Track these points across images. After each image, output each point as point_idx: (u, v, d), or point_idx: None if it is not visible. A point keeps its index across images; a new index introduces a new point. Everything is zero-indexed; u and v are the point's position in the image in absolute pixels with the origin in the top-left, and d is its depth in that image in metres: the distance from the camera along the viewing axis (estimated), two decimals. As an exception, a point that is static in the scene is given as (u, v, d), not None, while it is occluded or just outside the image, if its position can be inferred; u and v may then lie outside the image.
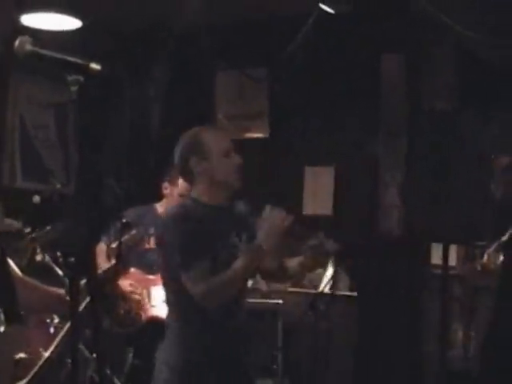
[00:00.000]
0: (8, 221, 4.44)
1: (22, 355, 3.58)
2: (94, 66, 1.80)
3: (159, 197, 5.79)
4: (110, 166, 6.53)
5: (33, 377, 2.99)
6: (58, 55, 1.82)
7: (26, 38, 1.84)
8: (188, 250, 3.31)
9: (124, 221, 5.07)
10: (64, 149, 6.99)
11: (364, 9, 5.74)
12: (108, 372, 4.52)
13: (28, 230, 4.78)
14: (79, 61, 1.81)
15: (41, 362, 2.88)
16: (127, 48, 6.49)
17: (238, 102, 7.10)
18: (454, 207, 5.10)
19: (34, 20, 5.11)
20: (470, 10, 5.46)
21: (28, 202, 5.18)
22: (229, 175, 3.44)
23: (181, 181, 5.69)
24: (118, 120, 6.94)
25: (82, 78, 1.81)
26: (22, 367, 3.33)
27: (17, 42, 1.84)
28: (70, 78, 1.80)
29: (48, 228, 4.89)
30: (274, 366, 5.77)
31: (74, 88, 1.80)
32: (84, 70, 1.81)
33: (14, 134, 6.58)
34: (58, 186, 5.41)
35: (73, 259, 1.75)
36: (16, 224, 4.54)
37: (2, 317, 2.19)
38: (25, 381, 2.80)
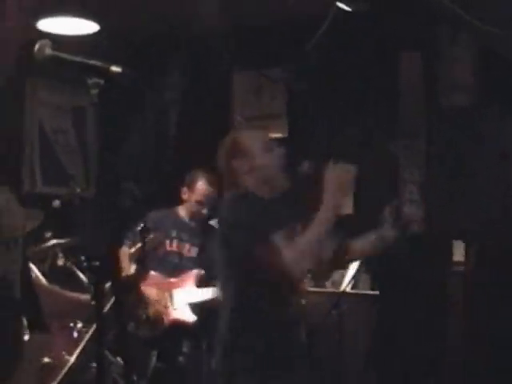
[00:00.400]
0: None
1: (46, 360, 3.60)
2: (115, 68, 1.79)
3: (179, 201, 5.80)
4: (129, 169, 6.54)
5: (59, 382, 3.00)
6: (78, 59, 1.81)
7: (46, 42, 1.84)
8: (263, 223, 3.20)
9: (143, 225, 5.08)
10: (83, 153, 7.01)
11: (381, 7, 5.72)
12: (135, 378, 4.52)
13: (49, 234, 4.80)
14: (99, 64, 1.80)
15: (67, 368, 2.88)
16: (144, 51, 6.50)
17: (255, 102, 7.08)
18: (474, 204, 5.08)
19: (51, 25, 5.12)
20: (487, 5, 5.43)
21: (48, 207, 5.20)
22: (274, 168, 3.39)
23: (199, 186, 5.70)
24: (136, 124, 6.95)
25: (102, 82, 1.80)
26: (46, 372, 3.34)
27: (37, 46, 1.84)
28: (91, 81, 1.80)
29: (70, 237, 4.90)
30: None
31: (94, 91, 1.79)
32: (104, 73, 1.80)
33: (34, 139, 6.61)
34: (78, 190, 5.42)
35: (97, 263, 1.74)
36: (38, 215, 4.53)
37: (26, 324, 2.20)
38: None
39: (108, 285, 2.82)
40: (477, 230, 5.18)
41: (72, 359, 3.00)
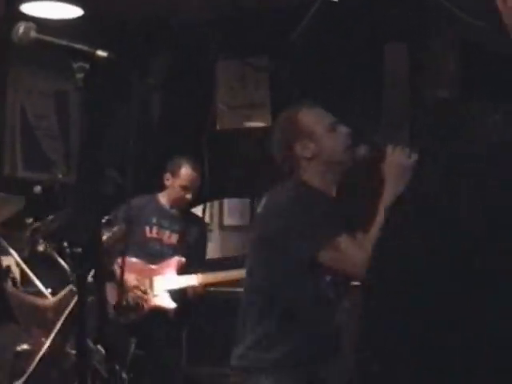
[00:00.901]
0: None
1: (24, 347, 3.57)
2: (101, 53, 1.77)
3: (160, 187, 5.79)
4: (111, 155, 6.51)
5: (35, 368, 2.97)
6: (64, 42, 1.79)
7: (31, 25, 1.81)
8: (323, 225, 3.00)
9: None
10: (65, 138, 6.97)
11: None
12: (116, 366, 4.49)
13: (30, 220, 4.76)
14: (85, 48, 1.78)
15: (41, 353, 2.84)
16: (128, 37, 6.46)
17: (239, 91, 7.06)
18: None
19: (34, 8, 5.08)
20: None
21: (29, 192, 5.16)
22: (340, 150, 3.21)
23: (183, 172, 5.69)
24: (118, 109, 6.91)
25: (87, 66, 1.77)
26: (24, 358, 3.31)
27: (21, 29, 1.81)
28: (76, 65, 1.77)
29: (50, 218, 4.87)
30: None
31: (79, 75, 1.77)
32: (90, 58, 1.78)
33: (15, 124, 6.56)
34: (60, 175, 5.39)
35: (79, 249, 1.72)
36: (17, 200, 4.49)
37: None
38: (26, 374, 2.78)
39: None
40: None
41: (47, 343, 2.94)
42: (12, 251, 4.79)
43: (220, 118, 7.10)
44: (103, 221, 4.60)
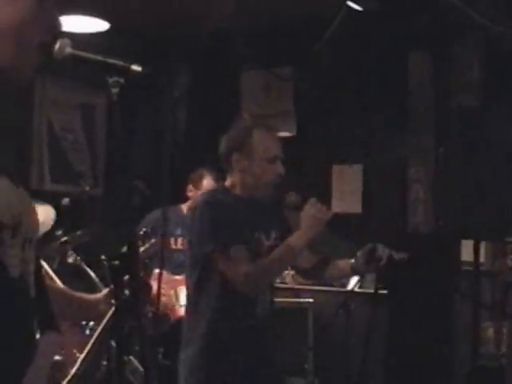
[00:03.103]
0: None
1: (57, 358, 3.59)
2: (135, 67, 1.79)
3: (184, 199, 5.82)
4: (137, 167, 6.54)
5: (70, 380, 2.99)
6: (99, 57, 1.81)
7: (66, 41, 1.84)
8: (224, 233, 3.27)
9: (145, 230, 5.06)
10: (91, 151, 7.01)
11: (391, 6, 5.72)
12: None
13: (60, 232, 4.80)
14: (120, 63, 1.80)
15: (77, 365, 2.87)
16: (153, 49, 6.50)
17: (264, 100, 7.09)
18: (483, 204, 5.07)
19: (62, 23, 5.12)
20: (497, 4, 5.42)
21: (57, 205, 5.20)
22: (266, 181, 3.40)
23: (205, 183, 5.71)
24: (144, 121, 6.95)
25: (122, 80, 1.80)
26: (57, 369, 3.33)
27: (57, 45, 1.83)
28: (111, 80, 1.80)
29: (80, 231, 4.90)
30: (305, 366, 5.75)
31: (114, 90, 1.79)
32: (125, 72, 1.80)
33: (42, 137, 6.60)
34: (87, 188, 5.42)
35: (117, 262, 1.74)
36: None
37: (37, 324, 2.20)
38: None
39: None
40: (486, 229, 5.17)
41: (82, 356, 2.98)
42: (43, 262, 4.82)
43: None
44: (141, 232, 4.63)
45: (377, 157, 6.51)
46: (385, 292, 6.14)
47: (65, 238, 4.87)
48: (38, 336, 2.10)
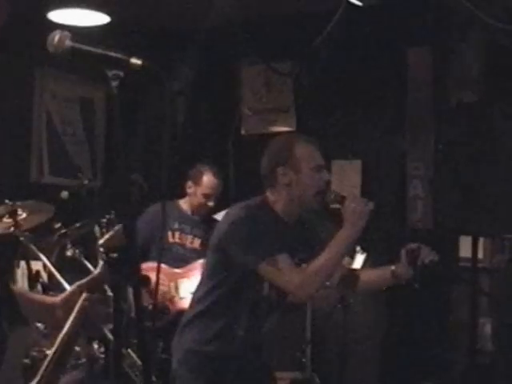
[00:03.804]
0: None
1: (33, 353, 3.58)
2: (135, 60, 1.79)
3: (183, 194, 5.81)
4: (135, 161, 6.54)
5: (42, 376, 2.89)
6: (99, 50, 1.81)
7: (66, 34, 1.84)
8: (266, 244, 3.29)
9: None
10: (90, 144, 7.01)
11: (392, 2, 5.72)
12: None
13: (58, 225, 4.80)
14: (120, 56, 1.80)
15: (47, 361, 2.77)
16: (154, 43, 6.49)
17: (264, 95, 7.08)
18: (482, 200, 5.08)
19: (61, 16, 5.12)
20: (498, 1, 5.42)
21: (56, 198, 5.20)
22: (314, 191, 3.43)
23: (205, 179, 5.71)
24: (143, 116, 6.95)
25: (122, 74, 1.80)
26: (32, 366, 3.31)
27: (56, 38, 1.83)
28: (111, 73, 1.80)
29: (79, 224, 4.91)
30: (303, 360, 5.76)
31: (114, 83, 1.79)
32: (125, 65, 1.80)
33: (41, 130, 6.60)
34: (86, 181, 5.42)
35: (115, 255, 1.74)
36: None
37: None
38: (37, 378, 2.74)
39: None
40: (485, 225, 5.18)
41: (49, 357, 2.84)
42: (41, 255, 4.83)
43: (245, 123, 7.12)
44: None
45: (376, 152, 6.50)
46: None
47: (63, 231, 4.88)
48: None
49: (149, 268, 4.66)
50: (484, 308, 5.96)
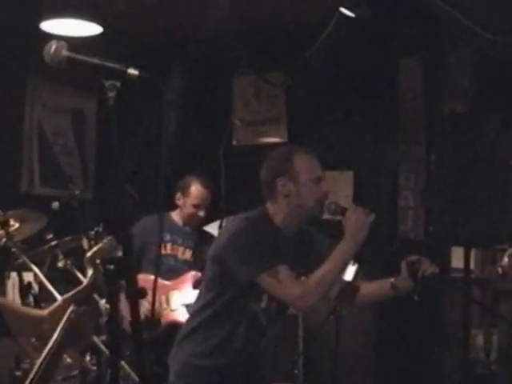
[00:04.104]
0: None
1: (24, 365, 3.55)
2: (132, 71, 1.78)
3: (173, 206, 5.80)
4: (126, 172, 6.52)
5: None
6: (95, 60, 1.80)
7: (62, 43, 1.83)
8: (267, 256, 3.29)
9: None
10: (82, 155, 6.99)
11: (383, 13, 5.72)
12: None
13: (50, 236, 4.78)
14: (117, 66, 1.79)
15: (32, 374, 2.73)
16: (145, 53, 6.49)
17: (255, 106, 7.08)
18: (474, 211, 5.08)
19: (54, 26, 5.10)
20: (488, 12, 5.43)
21: (47, 208, 5.18)
22: (313, 202, 3.43)
23: (193, 190, 5.70)
24: (134, 126, 6.93)
25: (119, 84, 1.79)
26: (24, 377, 3.28)
27: (52, 48, 1.82)
28: (107, 83, 1.78)
29: (71, 236, 4.89)
30: (295, 371, 5.74)
31: (111, 93, 1.78)
32: (121, 76, 1.79)
33: (32, 140, 6.57)
34: (77, 192, 5.40)
35: (112, 266, 1.73)
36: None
37: None
38: None
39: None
40: (477, 236, 5.18)
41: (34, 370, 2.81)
42: (33, 266, 4.80)
43: (236, 134, 7.12)
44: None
45: (368, 163, 6.51)
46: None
47: (55, 242, 4.86)
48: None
49: (141, 280, 4.63)
50: (476, 318, 5.96)
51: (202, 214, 5.70)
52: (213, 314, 3.45)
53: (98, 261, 1.81)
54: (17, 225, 4.87)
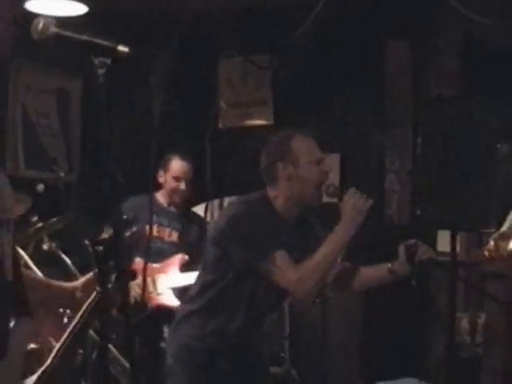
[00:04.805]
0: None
1: (33, 346, 3.54)
2: (122, 48, 1.74)
3: (156, 186, 5.76)
4: (111, 154, 6.47)
5: (46, 367, 2.95)
6: (85, 37, 1.76)
7: (50, 20, 1.78)
8: (266, 242, 3.29)
9: (125, 217, 5.02)
10: (66, 136, 6.94)
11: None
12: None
13: (35, 218, 4.74)
14: (107, 43, 1.75)
15: (53, 354, 2.82)
16: (130, 35, 6.43)
17: (241, 89, 7.05)
18: (460, 194, 5.07)
19: (38, 6, 5.05)
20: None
21: (32, 191, 5.13)
22: (314, 185, 3.44)
23: (173, 163, 5.67)
24: (119, 107, 6.88)
25: (109, 61, 1.75)
26: (33, 357, 3.29)
27: (40, 24, 1.78)
28: (97, 60, 1.75)
29: (56, 218, 4.85)
30: (282, 354, 5.73)
31: (101, 71, 1.74)
32: (111, 53, 1.76)
33: (16, 123, 6.52)
34: (62, 174, 5.36)
35: (101, 248, 1.70)
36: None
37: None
38: (38, 373, 2.75)
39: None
40: (463, 219, 5.18)
41: (58, 345, 2.93)
42: (18, 249, 4.76)
43: (222, 116, 7.08)
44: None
45: (355, 146, 6.49)
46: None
47: (40, 225, 4.82)
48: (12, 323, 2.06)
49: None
50: (461, 302, 5.97)
51: (183, 187, 5.66)
52: (211, 297, 3.44)
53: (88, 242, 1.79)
54: (1, 207, 4.81)
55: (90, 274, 2.54)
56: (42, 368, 2.86)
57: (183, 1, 5.84)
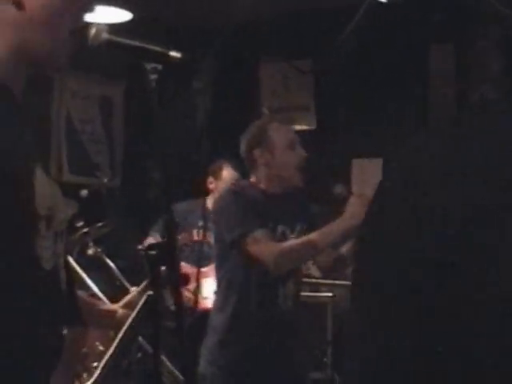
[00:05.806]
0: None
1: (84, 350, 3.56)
2: (174, 54, 1.74)
3: (205, 192, 5.78)
4: (155, 159, 6.51)
5: (97, 377, 2.94)
6: (137, 43, 1.76)
7: (103, 26, 1.79)
8: (250, 218, 3.38)
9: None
10: (109, 142, 6.99)
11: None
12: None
13: (81, 223, 4.77)
14: (159, 49, 1.76)
15: (105, 359, 2.81)
16: (175, 40, 6.47)
17: (283, 93, 7.04)
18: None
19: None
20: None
21: (75, 196, 5.17)
22: (291, 168, 3.54)
23: (225, 173, 5.68)
24: (163, 113, 6.91)
25: (160, 67, 1.76)
26: (79, 362, 3.31)
27: (93, 31, 1.79)
28: (149, 66, 1.75)
29: (101, 223, 4.88)
30: (324, 360, 5.71)
31: (153, 77, 1.75)
32: (163, 59, 1.76)
33: (60, 129, 6.58)
34: (105, 179, 5.40)
35: (154, 252, 1.70)
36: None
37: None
38: (95, 375, 2.76)
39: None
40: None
41: (109, 351, 2.90)
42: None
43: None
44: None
45: (396, 150, 6.45)
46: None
47: (85, 230, 4.86)
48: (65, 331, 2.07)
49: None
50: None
51: None
52: (225, 286, 3.55)
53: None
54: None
55: (131, 295, 2.52)
56: (94, 377, 2.85)
57: (225, 6, 5.85)
